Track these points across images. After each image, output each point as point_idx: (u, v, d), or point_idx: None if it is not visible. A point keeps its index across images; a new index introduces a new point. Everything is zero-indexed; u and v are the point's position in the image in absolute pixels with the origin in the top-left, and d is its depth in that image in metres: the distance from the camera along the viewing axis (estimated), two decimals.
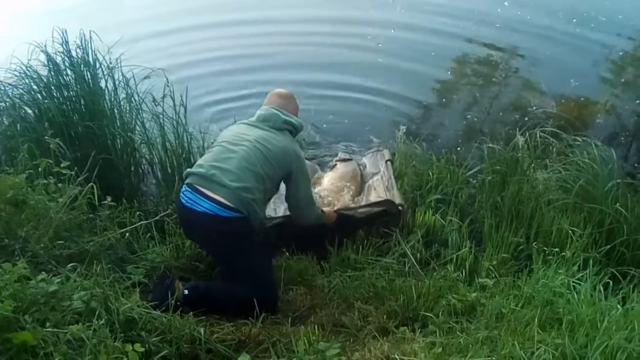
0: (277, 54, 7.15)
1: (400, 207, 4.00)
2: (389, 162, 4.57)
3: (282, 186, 3.64)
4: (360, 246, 3.79)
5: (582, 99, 6.21)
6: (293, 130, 3.67)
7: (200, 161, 3.43)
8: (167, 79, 4.34)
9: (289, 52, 7.18)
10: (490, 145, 4.49)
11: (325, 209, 3.92)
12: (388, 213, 4.00)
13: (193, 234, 3.47)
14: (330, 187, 4.54)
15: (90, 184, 3.36)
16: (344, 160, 4.88)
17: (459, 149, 5.25)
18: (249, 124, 3.60)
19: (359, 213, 4.00)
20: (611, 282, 3.12)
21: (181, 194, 3.32)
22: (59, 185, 3.32)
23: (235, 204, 3.18)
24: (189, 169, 3.42)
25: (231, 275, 3.35)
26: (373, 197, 4.21)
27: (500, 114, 6.09)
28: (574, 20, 7.94)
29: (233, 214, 3.18)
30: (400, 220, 4.01)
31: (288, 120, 3.60)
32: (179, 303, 3.02)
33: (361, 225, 3.94)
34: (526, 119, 5.69)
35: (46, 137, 3.54)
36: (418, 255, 3.77)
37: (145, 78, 4.37)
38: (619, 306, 2.80)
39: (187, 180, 3.33)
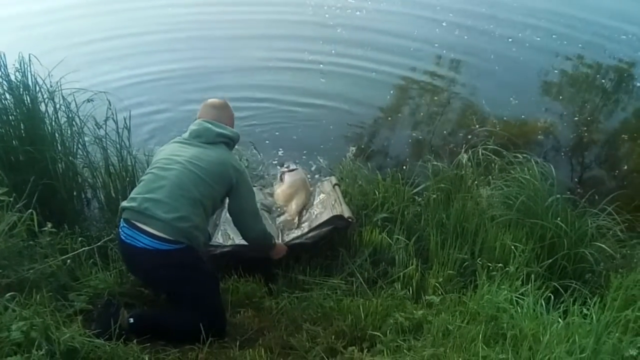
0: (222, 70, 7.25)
1: (350, 220, 3.99)
2: (336, 186, 4.53)
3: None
4: (308, 266, 3.78)
5: (523, 116, 6.38)
6: (229, 141, 3.52)
7: (132, 194, 3.25)
8: (109, 102, 4.25)
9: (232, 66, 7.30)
10: (435, 163, 4.56)
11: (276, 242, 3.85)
12: (337, 229, 3.99)
13: (135, 270, 3.34)
14: (281, 198, 4.63)
15: (30, 210, 3.26)
16: (290, 170, 4.90)
17: (404, 167, 5.30)
18: (181, 142, 3.44)
19: (308, 238, 3.97)
20: (552, 296, 3.20)
21: (120, 230, 3.19)
22: None
23: (173, 235, 3.05)
24: (123, 203, 3.24)
25: (178, 303, 3.26)
26: (321, 218, 4.15)
27: (445, 132, 6.20)
28: (510, 40, 8.22)
29: (174, 246, 3.06)
30: (349, 232, 4.03)
31: (222, 133, 3.45)
32: (123, 332, 2.95)
33: (311, 249, 3.94)
34: (469, 137, 5.80)
35: None
36: (365, 274, 3.78)
37: (87, 101, 4.27)
38: (560, 320, 2.86)
39: (123, 215, 3.19)
